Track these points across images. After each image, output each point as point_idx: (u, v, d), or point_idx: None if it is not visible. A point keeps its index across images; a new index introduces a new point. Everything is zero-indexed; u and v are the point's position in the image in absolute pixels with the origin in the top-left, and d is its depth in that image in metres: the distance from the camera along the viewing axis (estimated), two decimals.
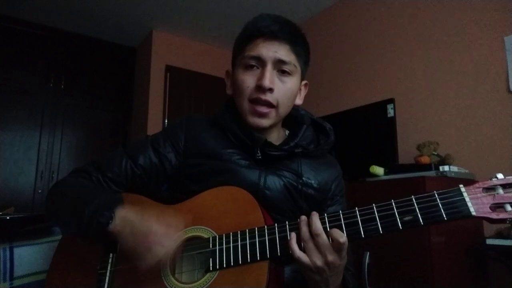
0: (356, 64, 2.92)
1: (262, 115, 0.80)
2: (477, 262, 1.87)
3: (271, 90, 0.78)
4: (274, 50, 0.78)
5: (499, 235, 1.74)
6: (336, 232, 0.63)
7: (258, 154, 0.82)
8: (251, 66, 0.79)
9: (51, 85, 3.51)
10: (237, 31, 0.90)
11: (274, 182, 0.82)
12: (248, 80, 0.79)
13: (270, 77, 0.77)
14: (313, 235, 0.64)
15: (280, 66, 0.79)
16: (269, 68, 0.78)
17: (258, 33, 0.79)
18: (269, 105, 0.79)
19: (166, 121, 3.61)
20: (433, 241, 1.64)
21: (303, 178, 0.84)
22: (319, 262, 0.63)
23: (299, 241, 0.65)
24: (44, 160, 3.37)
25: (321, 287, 0.67)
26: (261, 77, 0.77)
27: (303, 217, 0.67)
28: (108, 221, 0.68)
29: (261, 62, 0.79)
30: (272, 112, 0.81)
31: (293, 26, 0.83)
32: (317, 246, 0.63)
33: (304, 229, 0.65)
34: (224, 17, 3.44)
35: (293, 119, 0.92)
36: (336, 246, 0.63)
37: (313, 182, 0.85)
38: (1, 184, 3.12)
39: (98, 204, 0.70)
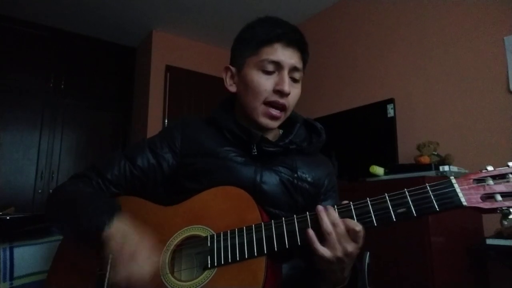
0: (356, 64, 2.92)
1: (275, 118, 0.84)
2: (477, 262, 1.87)
3: (288, 94, 0.82)
4: (291, 57, 0.82)
5: (499, 235, 1.74)
6: (350, 222, 0.64)
7: (254, 150, 0.84)
8: (269, 70, 0.82)
9: (51, 85, 3.51)
10: (237, 31, 0.90)
11: (270, 177, 0.84)
12: (266, 83, 0.82)
13: (289, 83, 0.82)
14: (332, 226, 0.65)
15: (293, 73, 0.84)
16: (286, 73, 0.82)
17: (276, 39, 0.82)
18: (283, 108, 0.83)
19: (166, 121, 3.61)
20: (433, 241, 1.64)
21: (298, 173, 0.86)
22: (340, 253, 0.64)
23: (318, 234, 0.66)
24: (44, 160, 3.37)
25: (337, 274, 0.68)
26: (281, 82, 0.81)
27: (320, 207, 0.67)
28: (104, 227, 0.69)
29: (279, 67, 0.82)
30: (283, 115, 0.85)
31: (302, 34, 0.87)
32: (338, 237, 0.64)
33: (326, 220, 0.65)
34: (224, 17, 3.44)
35: (286, 119, 0.94)
36: (352, 235, 0.64)
37: (307, 176, 0.88)
38: (1, 184, 3.13)
39: (95, 212, 0.72)
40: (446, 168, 1.83)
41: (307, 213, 0.69)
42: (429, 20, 2.44)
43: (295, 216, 0.69)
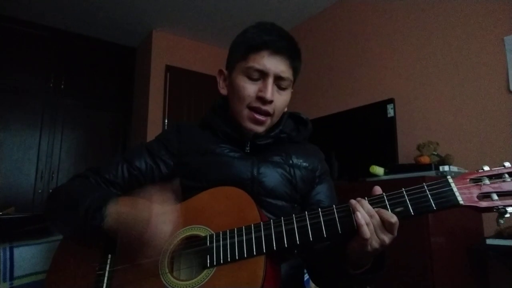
0: (356, 64, 2.92)
1: (260, 123, 0.86)
2: (477, 262, 1.87)
3: (271, 102, 0.84)
4: (277, 65, 0.83)
5: (499, 235, 1.74)
6: (386, 213, 0.63)
7: (247, 148, 0.87)
8: (254, 77, 0.84)
9: (51, 85, 3.51)
10: (237, 31, 0.91)
11: (267, 169, 0.86)
12: (250, 88, 0.84)
13: (271, 91, 0.83)
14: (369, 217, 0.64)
15: (279, 82, 0.85)
16: (270, 81, 0.83)
17: (264, 46, 0.83)
18: (267, 114, 0.85)
19: (166, 121, 3.61)
20: (433, 241, 1.64)
21: (292, 160, 0.89)
22: (376, 244, 0.64)
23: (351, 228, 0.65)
24: (44, 160, 3.37)
25: (368, 259, 0.68)
26: (263, 89, 0.83)
27: (353, 201, 0.67)
28: (101, 222, 0.70)
29: (263, 75, 0.83)
30: (268, 120, 0.87)
31: (293, 41, 0.88)
32: (374, 228, 0.64)
33: (363, 211, 0.64)
34: (224, 17, 3.44)
35: None
36: (388, 226, 0.63)
37: (302, 161, 0.90)
38: (1, 184, 3.13)
39: (90, 202, 0.73)
40: (446, 168, 1.83)
41: (306, 212, 0.69)
42: (429, 20, 2.44)
43: (293, 215, 0.70)
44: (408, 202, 0.64)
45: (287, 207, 0.85)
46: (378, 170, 1.98)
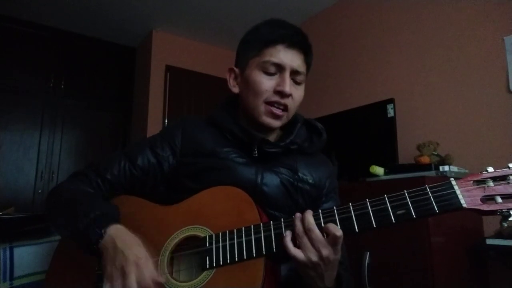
0: (356, 64, 2.92)
1: (277, 117, 0.84)
2: (477, 262, 1.87)
3: (289, 95, 0.83)
4: (293, 60, 0.83)
5: (499, 235, 1.74)
6: (331, 227, 0.65)
7: (255, 152, 0.84)
8: (271, 71, 0.83)
9: (51, 85, 3.50)
10: (237, 31, 0.91)
11: (271, 179, 0.84)
12: (267, 83, 0.83)
13: (290, 84, 0.82)
14: (306, 231, 0.66)
15: (294, 76, 0.84)
16: (287, 75, 0.82)
17: (279, 40, 0.82)
18: (285, 108, 0.84)
19: (166, 121, 3.61)
20: (433, 241, 1.64)
21: (299, 174, 0.87)
22: (314, 257, 0.64)
23: (294, 238, 0.67)
24: (44, 160, 3.37)
25: (316, 282, 0.68)
26: (282, 83, 0.82)
27: (298, 214, 0.69)
28: (99, 238, 0.68)
29: (280, 69, 0.83)
30: (285, 115, 0.85)
31: (306, 36, 0.88)
32: (311, 241, 0.65)
33: (298, 225, 0.67)
34: (224, 17, 3.43)
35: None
36: (332, 240, 0.64)
37: (308, 178, 0.88)
38: (1, 184, 3.12)
39: (92, 220, 0.70)
40: (446, 168, 1.82)
41: None
42: (429, 20, 2.43)
43: (294, 217, 0.69)
44: (410, 204, 0.63)
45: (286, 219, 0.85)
46: (378, 170, 1.98)
